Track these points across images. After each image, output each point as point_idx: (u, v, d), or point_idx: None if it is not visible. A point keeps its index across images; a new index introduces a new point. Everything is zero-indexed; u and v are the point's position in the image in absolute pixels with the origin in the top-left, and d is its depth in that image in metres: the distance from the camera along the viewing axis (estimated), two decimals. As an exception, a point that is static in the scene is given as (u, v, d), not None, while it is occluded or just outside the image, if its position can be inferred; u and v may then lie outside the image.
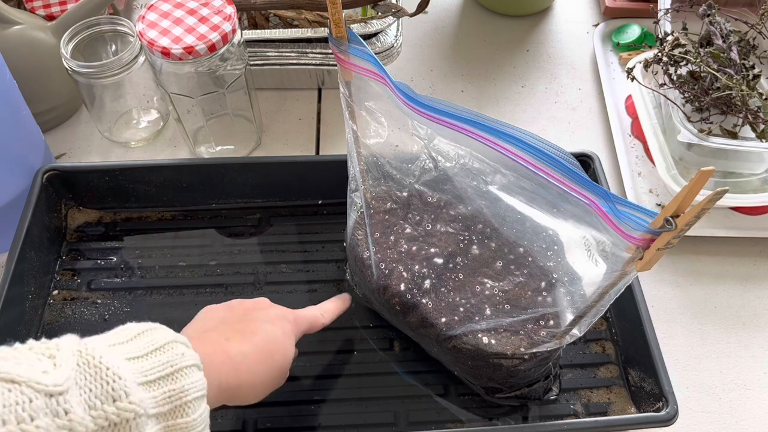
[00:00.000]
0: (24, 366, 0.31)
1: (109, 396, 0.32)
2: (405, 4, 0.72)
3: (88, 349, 0.34)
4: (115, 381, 0.33)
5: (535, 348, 0.49)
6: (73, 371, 0.32)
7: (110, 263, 0.62)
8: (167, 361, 0.36)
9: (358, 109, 0.47)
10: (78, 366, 0.33)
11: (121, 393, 0.33)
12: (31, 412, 0.30)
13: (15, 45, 0.65)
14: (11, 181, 0.60)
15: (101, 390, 0.32)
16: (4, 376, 0.30)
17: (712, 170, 0.31)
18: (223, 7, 0.59)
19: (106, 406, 0.32)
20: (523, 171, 0.40)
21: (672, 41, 0.66)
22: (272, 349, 0.45)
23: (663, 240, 0.35)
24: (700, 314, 0.63)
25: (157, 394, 0.35)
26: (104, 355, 0.34)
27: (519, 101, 0.79)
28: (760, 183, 0.67)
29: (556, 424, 0.50)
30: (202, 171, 0.64)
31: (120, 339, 0.37)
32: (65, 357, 0.33)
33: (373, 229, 0.55)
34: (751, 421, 0.57)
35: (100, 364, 0.33)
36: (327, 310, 0.53)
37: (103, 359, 0.33)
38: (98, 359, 0.33)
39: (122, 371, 0.34)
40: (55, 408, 0.30)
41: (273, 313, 0.48)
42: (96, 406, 0.32)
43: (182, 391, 0.36)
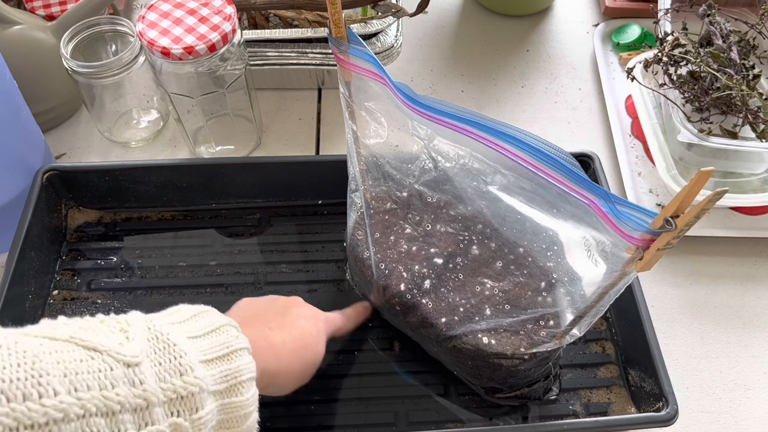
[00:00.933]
0: (102, 336, 0.33)
1: (176, 370, 0.34)
2: (405, 4, 0.72)
3: (156, 325, 0.36)
4: (182, 356, 0.35)
5: (535, 348, 0.49)
6: (145, 345, 0.34)
7: (110, 263, 0.62)
8: (223, 343, 0.38)
9: (358, 109, 0.47)
10: (148, 340, 0.34)
11: (187, 368, 0.35)
12: (112, 380, 0.31)
13: (15, 45, 0.65)
14: (11, 181, 0.60)
15: (170, 364, 0.34)
16: (88, 344, 0.32)
17: (712, 170, 0.31)
18: (223, 7, 0.59)
19: (175, 380, 0.34)
20: (523, 171, 0.40)
21: (672, 41, 0.66)
22: (307, 343, 0.47)
23: (663, 240, 0.35)
24: (700, 314, 0.63)
25: (215, 373, 0.37)
26: (171, 333, 0.36)
27: (519, 101, 0.79)
28: (760, 183, 0.67)
29: (556, 424, 0.50)
30: (202, 171, 0.64)
31: (178, 318, 0.39)
32: (137, 331, 0.35)
33: (373, 229, 0.55)
34: (751, 421, 0.57)
35: (168, 339, 0.35)
36: (350, 317, 0.55)
37: (170, 336, 0.36)
38: (166, 335, 0.35)
39: (186, 348, 0.36)
40: (132, 378, 0.32)
41: (308, 311, 0.50)
42: (165, 378, 0.34)
43: (237, 371, 0.38)
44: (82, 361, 0.31)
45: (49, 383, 0.29)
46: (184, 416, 0.34)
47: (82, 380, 0.30)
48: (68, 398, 0.29)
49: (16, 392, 0.28)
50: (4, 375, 0.29)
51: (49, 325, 0.33)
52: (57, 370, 0.30)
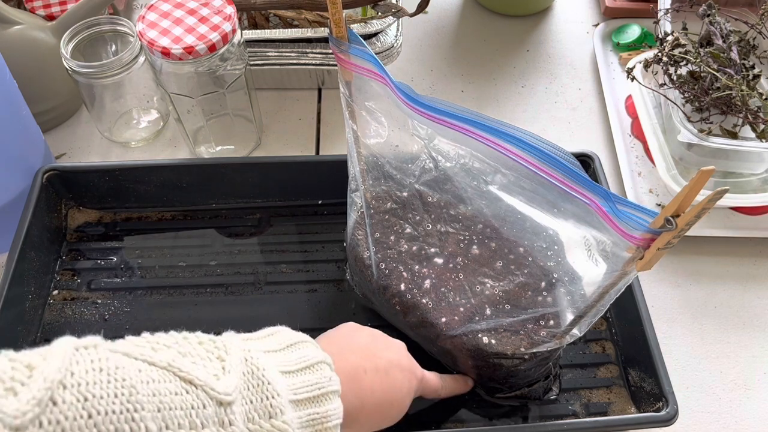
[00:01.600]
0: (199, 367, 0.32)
1: (267, 412, 0.34)
2: (405, 4, 0.72)
3: (253, 358, 0.35)
4: (273, 397, 0.34)
5: (535, 348, 0.49)
6: (240, 381, 0.33)
7: (110, 263, 0.62)
8: (316, 383, 0.37)
9: (358, 109, 0.47)
10: (243, 374, 0.34)
11: (278, 410, 0.34)
12: (203, 419, 0.31)
13: (15, 45, 0.65)
14: (11, 181, 0.60)
15: (261, 404, 0.33)
16: (185, 376, 0.32)
17: (713, 170, 0.31)
18: (223, 7, 0.59)
19: (263, 422, 0.33)
20: (524, 171, 0.40)
21: (672, 41, 0.66)
22: (394, 398, 0.44)
23: (663, 240, 0.35)
24: (700, 314, 0.63)
25: (302, 415, 0.36)
26: (267, 368, 0.35)
27: (519, 101, 0.79)
28: (760, 183, 0.67)
29: (556, 424, 0.50)
30: (202, 171, 0.64)
31: (273, 346, 0.38)
32: (234, 363, 0.34)
33: (373, 229, 0.55)
34: (751, 421, 0.57)
35: (263, 377, 0.34)
36: (447, 386, 0.51)
37: (266, 373, 0.35)
38: (261, 371, 0.34)
39: (279, 387, 0.35)
40: (222, 417, 0.32)
41: (406, 364, 0.46)
42: (254, 419, 0.33)
43: (324, 416, 0.37)
44: (177, 395, 0.31)
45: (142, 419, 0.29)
46: None
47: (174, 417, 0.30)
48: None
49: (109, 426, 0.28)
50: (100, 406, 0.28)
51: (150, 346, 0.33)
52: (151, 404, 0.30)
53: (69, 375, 0.28)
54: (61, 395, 0.28)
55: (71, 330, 0.58)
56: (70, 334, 0.33)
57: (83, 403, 0.28)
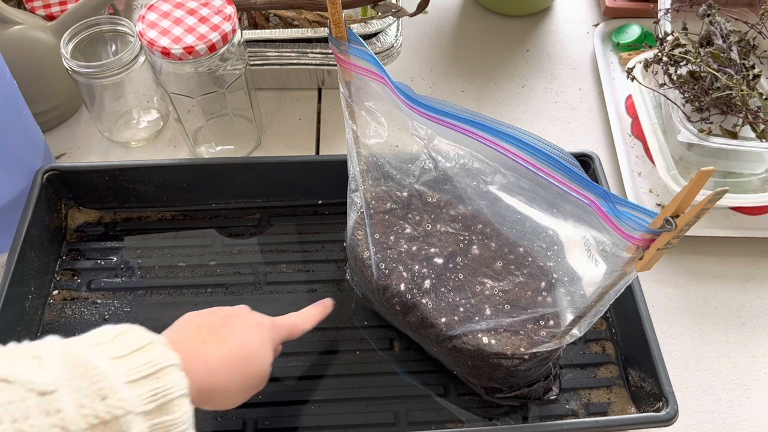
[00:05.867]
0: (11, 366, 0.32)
1: (97, 394, 0.33)
2: (405, 4, 0.72)
3: (73, 349, 0.34)
4: (102, 380, 0.33)
5: (535, 348, 0.49)
6: (61, 371, 0.32)
7: (110, 263, 0.62)
8: (149, 361, 0.36)
9: (358, 109, 0.47)
10: (65, 366, 0.33)
11: (109, 391, 0.33)
12: (25, 411, 0.30)
13: (15, 45, 0.65)
14: (11, 181, 0.60)
15: (90, 389, 0.33)
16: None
17: (712, 170, 0.31)
18: (223, 7, 0.59)
19: (96, 404, 0.32)
20: (523, 171, 0.40)
21: (672, 41, 0.66)
22: (247, 353, 0.45)
23: (663, 240, 0.35)
24: (700, 314, 0.63)
25: (142, 392, 0.35)
26: (91, 356, 0.34)
27: (519, 101, 0.79)
28: (760, 183, 0.67)
29: (556, 424, 0.50)
30: (202, 171, 0.64)
31: (100, 339, 0.37)
32: (51, 358, 0.33)
33: (373, 229, 0.55)
34: (751, 421, 0.57)
35: (88, 364, 0.34)
36: (307, 317, 0.52)
37: (90, 360, 0.34)
38: (84, 359, 0.34)
39: (108, 370, 0.34)
40: (46, 407, 0.31)
41: (250, 319, 0.48)
42: (86, 404, 0.32)
43: (166, 389, 0.36)
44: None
45: None
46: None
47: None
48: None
49: None
50: None
51: None
52: None
53: None
54: None
55: (71, 330, 0.58)
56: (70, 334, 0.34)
57: None
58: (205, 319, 0.46)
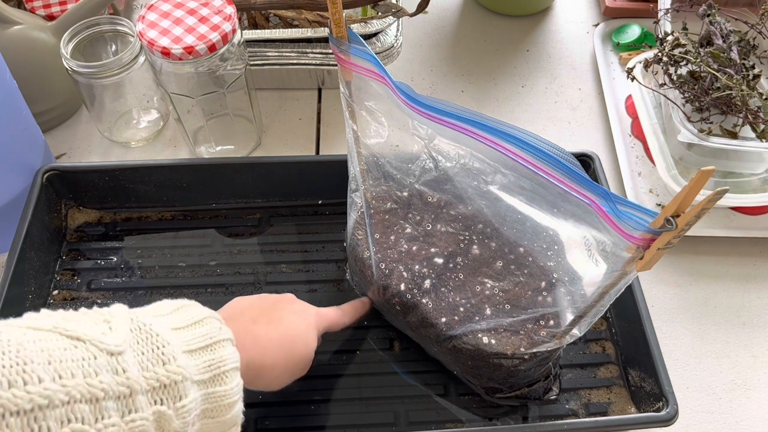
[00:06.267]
0: (84, 327, 0.34)
1: (159, 359, 0.35)
2: (405, 4, 0.72)
3: (139, 317, 0.37)
4: (164, 346, 0.35)
5: (535, 348, 0.49)
6: (128, 335, 0.35)
7: (110, 263, 0.62)
8: (206, 333, 0.39)
9: (359, 109, 0.47)
10: (131, 331, 0.35)
11: (170, 357, 0.35)
12: (96, 368, 0.32)
13: (15, 45, 0.65)
14: (11, 181, 0.60)
15: (152, 353, 0.35)
16: (71, 334, 0.33)
17: (713, 170, 0.31)
18: (223, 7, 0.59)
19: (157, 368, 0.34)
20: (524, 171, 0.40)
21: (672, 41, 0.66)
22: (294, 336, 0.47)
23: (663, 240, 0.35)
24: (700, 314, 0.63)
25: (198, 362, 0.37)
26: (154, 323, 0.37)
27: (519, 101, 0.79)
28: (760, 183, 0.67)
29: (556, 424, 0.50)
30: (202, 171, 0.64)
31: (161, 311, 0.40)
32: (120, 322, 0.35)
33: (374, 229, 0.55)
34: (751, 421, 0.57)
35: (151, 330, 0.36)
36: (348, 312, 0.54)
37: (153, 327, 0.36)
38: (149, 326, 0.36)
39: (169, 338, 0.36)
40: (114, 366, 0.33)
41: (297, 306, 0.50)
42: (148, 367, 0.34)
43: (220, 361, 0.38)
44: (66, 350, 0.32)
45: (33, 371, 0.30)
46: (168, 404, 0.34)
47: (66, 368, 0.31)
48: (53, 385, 0.30)
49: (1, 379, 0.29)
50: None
51: (32, 317, 0.34)
52: (41, 358, 0.30)
53: None
54: None
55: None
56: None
57: None
58: (254, 302, 0.49)
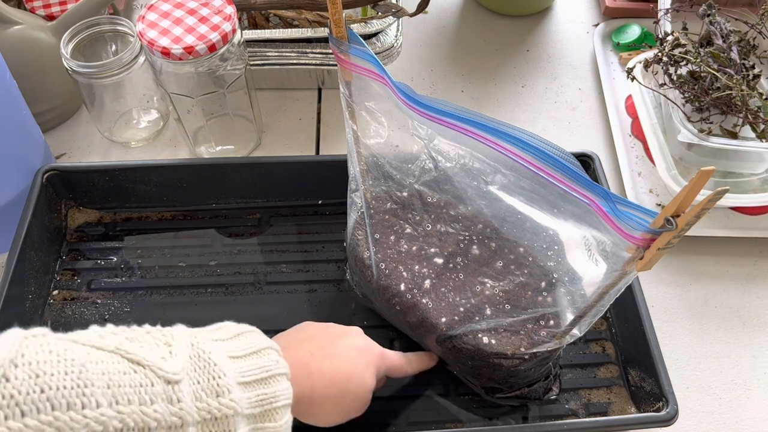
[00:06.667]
0: (146, 350, 0.34)
1: (213, 391, 0.35)
2: (405, 4, 0.72)
3: (199, 343, 0.36)
4: (220, 377, 0.35)
5: (535, 348, 0.49)
6: (187, 362, 0.35)
7: (110, 263, 0.62)
8: (263, 366, 0.38)
9: (358, 109, 0.47)
10: (190, 358, 0.35)
11: (224, 389, 0.35)
12: (152, 395, 0.32)
13: (15, 45, 0.65)
14: (11, 181, 0.60)
15: (208, 384, 0.35)
16: (132, 357, 0.33)
17: (713, 170, 0.31)
18: (223, 7, 0.59)
19: (210, 400, 0.34)
20: (524, 171, 0.40)
21: (672, 41, 0.66)
22: (350, 374, 0.45)
23: (663, 240, 0.35)
24: (700, 314, 0.63)
25: (251, 396, 0.37)
26: (213, 352, 0.36)
27: (519, 101, 0.79)
28: (760, 183, 0.67)
29: (556, 424, 0.50)
30: (202, 171, 0.64)
31: (221, 336, 0.39)
32: (181, 347, 0.35)
33: (373, 229, 0.55)
34: (751, 421, 0.57)
35: (210, 359, 0.36)
36: (412, 361, 0.52)
37: (212, 356, 0.36)
38: (208, 354, 0.36)
39: (226, 368, 0.36)
40: (170, 395, 0.33)
41: (361, 342, 0.48)
42: (202, 398, 0.34)
43: (273, 397, 0.38)
44: (126, 374, 0.32)
45: (92, 394, 0.30)
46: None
47: (123, 393, 0.31)
48: (109, 411, 0.30)
49: (61, 400, 0.29)
50: (52, 382, 0.29)
51: (97, 334, 0.34)
52: (101, 381, 0.31)
53: (20, 355, 0.30)
54: (13, 372, 0.29)
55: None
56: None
57: (35, 380, 0.29)
58: (318, 332, 0.47)
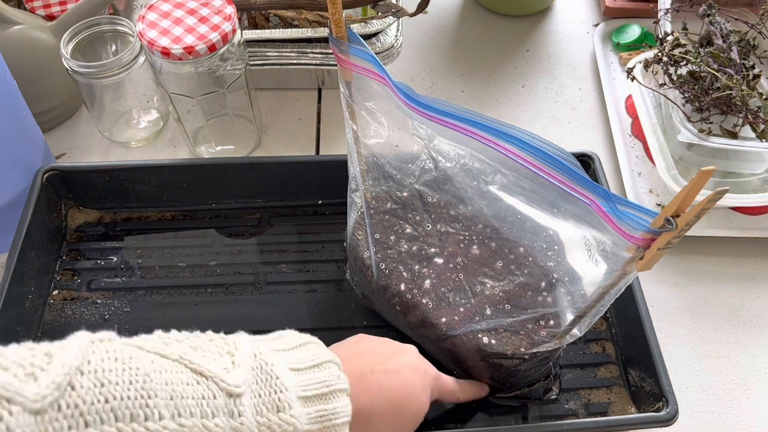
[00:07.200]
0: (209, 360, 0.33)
1: (274, 405, 0.34)
2: (405, 4, 0.72)
3: (262, 354, 0.36)
4: (282, 391, 0.35)
5: (535, 348, 0.49)
6: (249, 374, 0.34)
7: (110, 263, 0.62)
8: (324, 380, 0.38)
9: (358, 109, 0.47)
10: (252, 369, 0.34)
11: (285, 404, 0.34)
12: (214, 408, 0.32)
13: (15, 45, 0.65)
14: (11, 181, 0.60)
15: (269, 398, 0.34)
16: (196, 368, 0.32)
17: (713, 170, 0.31)
18: (223, 7, 0.59)
19: (271, 415, 0.34)
20: (524, 171, 0.40)
21: (672, 41, 0.66)
22: (408, 394, 0.44)
23: (663, 240, 0.35)
24: (700, 314, 0.63)
25: (311, 411, 0.36)
26: (275, 364, 0.35)
27: (519, 101, 0.79)
28: (760, 183, 0.67)
29: (556, 424, 0.50)
30: (202, 171, 0.64)
31: (283, 346, 0.38)
32: (243, 358, 0.35)
33: (374, 229, 0.55)
34: (751, 421, 0.57)
35: (272, 372, 0.35)
36: (465, 389, 0.51)
37: (274, 368, 0.35)
38: (270, 366, 0.35)
39: (288, 383, 0.35)
40: (231, 408, 0.32)
41: (418, 363, 0.47)
42: (263, 412, 0.34)
43: (333, 413, 0.37)
44: (189, 385, 0.32)
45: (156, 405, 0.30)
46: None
47: (186, 405, 0.31)
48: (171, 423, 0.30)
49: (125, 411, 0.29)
50: (116, 391, 0.29)
51: (162, 341, 0.34)
52: (164, 392, 0.30)
53: (86, 362, 0.30)
54: (78, 380, 0.29)
55: (71, 330, 0.57)
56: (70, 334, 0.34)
57: (100, 389, 0.29)
58: (375, 346, 0.47)
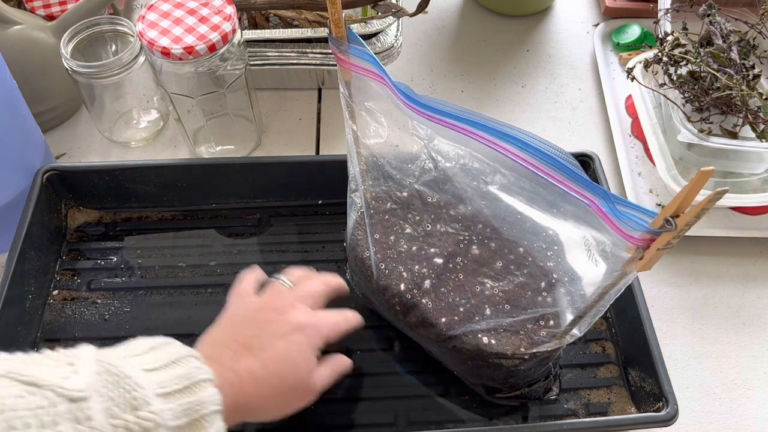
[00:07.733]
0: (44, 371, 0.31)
1: (129, 405, 0.32)
2: (405, 4, 0.72)
3: (106, 359, 0.33)
4: (135, 390, 0.32)
5: (535, 348, 0.49)
6: (94, 378, 0.32)
7: (110, 263, 0.62)
8: (184, 374, 0.36)
9: (358, 109, 0.47)
10: (98, 374, 0.32)
11: (142, 402, 0.32)
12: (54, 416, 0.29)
13: (15, 45, 0.65)
14: (11, 181, 0.60)
15: (122, 398, 0.32)
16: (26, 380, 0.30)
17: (712, 170, 0.31)
18: (223, 7, 0.59)
19: (127, 415, 0.32)
20: (523, 171, 0.40)
21: (672, 41, 0.66)
22: (282, 368, 0.44)
23: (663, 240, 0.35)
24: (700, 314, 0.63)
25: (174, 406, 0.34)
26: (124, 366, 0.33)
27: (519, 101, 0.79)
28: (760, 183, 0.67)
29: (556, 424, 0.50)
30: (202, 171, 0.64)
31: (135, 351, 0.36)
32: (85, 364, 0.32)
33: (373, 229, 0.55)
34: (751, 421, 0.57)
35: (121, 373, 0.33)
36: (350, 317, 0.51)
37: (123, 369, 0.33)
38: (118, 368, 0.33)
39: (141, 381, 0.33)
40: (76, 414, 0.30)
41: (290, 325, 0.46)
42: (116, 414, 0.31)
43: (199, 404, 0.35)
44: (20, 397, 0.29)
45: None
46: None
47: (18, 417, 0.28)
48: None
49: None
50: None
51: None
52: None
53: None
54: None
55: (71, 330, 0.58)
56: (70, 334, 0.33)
57: None
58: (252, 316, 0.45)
